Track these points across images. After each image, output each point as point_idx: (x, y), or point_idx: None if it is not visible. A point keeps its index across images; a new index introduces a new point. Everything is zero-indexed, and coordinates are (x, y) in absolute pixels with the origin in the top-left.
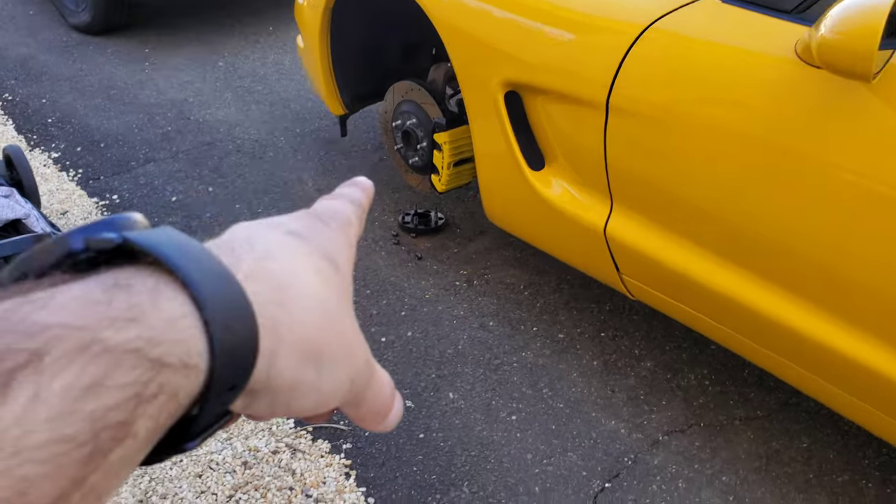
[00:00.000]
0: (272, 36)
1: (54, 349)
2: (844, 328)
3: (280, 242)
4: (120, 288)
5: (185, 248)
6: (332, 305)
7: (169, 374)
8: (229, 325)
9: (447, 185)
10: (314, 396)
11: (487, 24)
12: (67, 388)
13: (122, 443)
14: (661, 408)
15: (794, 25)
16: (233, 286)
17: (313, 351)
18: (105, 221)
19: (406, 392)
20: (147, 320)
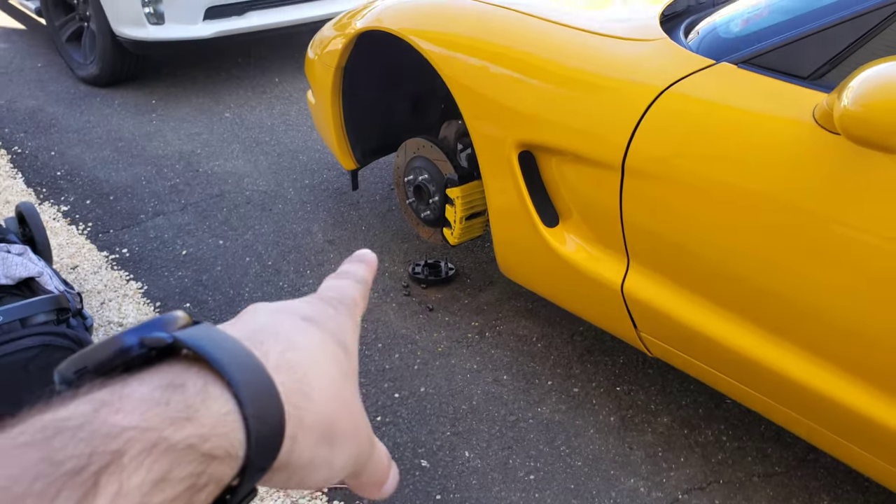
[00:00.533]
0: (278, 87)
1: (130, 449)
2: (861, 386)
3: (298, 330)
4: (175, 389)
5: (227, 348)
6: (343, 389)
7: (216, 465)
8: (263, 417)
9: (459, 239)
10: (326, 471)
11: (501, 85)
12: (142, 484)
13: None
14: (680, 465)
15: (812, 91)
16: (266, 382)
17: (328, 432)
18: (154, 321)
19: (421, 451)
20: (199, 418)
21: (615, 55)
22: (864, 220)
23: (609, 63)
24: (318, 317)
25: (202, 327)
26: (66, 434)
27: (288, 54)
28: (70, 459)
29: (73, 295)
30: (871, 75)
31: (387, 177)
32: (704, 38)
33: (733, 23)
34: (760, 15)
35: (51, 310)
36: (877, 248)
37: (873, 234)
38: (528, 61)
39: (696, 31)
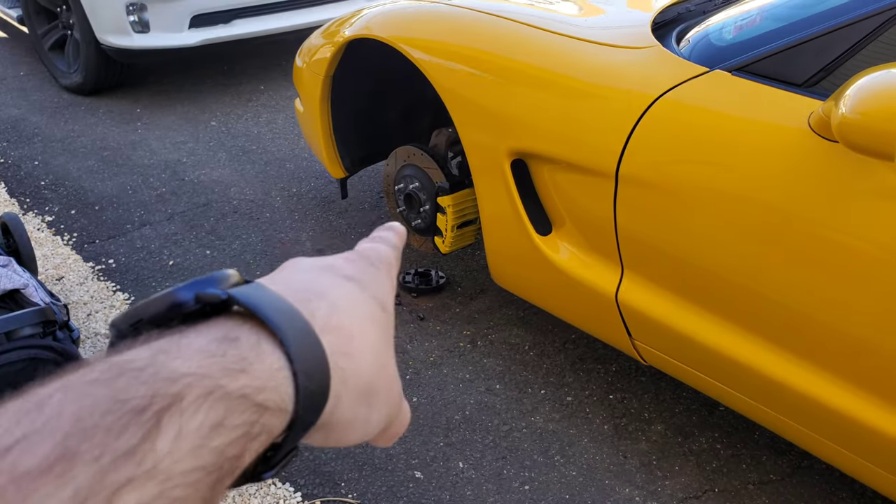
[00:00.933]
0: (264, 95)
1: (189, 394)
2: (856, 392)
3: (342, 290)
4: (230, 342)
5: (279, 307)
6: (382, 351)
7: (268, 417)
8: (311, 375)
9: (451, 247)
10: (363, 428)
11: (493, 93)
12: (200, 427)
13: (234, 473)
14: (675, 473)
15: (807, 99)
16: (314, 342)
17: (368, 392)
18: (208, 279)
19: (415, 462)
20: (253, 371)
21: (608, 63)
22: (859, 228)
23: (602, 71)
24: (358, 275)
25: (254, 286)
26: (130, 375)
27: (274, 62)
28: (134, 399)
29: (60, 307)
30: (867, 83)
31: (376, 185)
32: (697, 45)
33: (726, 30)
34: (753, 22)
35: (37, 322)
36: (873, 255)
37: (869, 241)
38: (520, 69)
39: (688, 38)
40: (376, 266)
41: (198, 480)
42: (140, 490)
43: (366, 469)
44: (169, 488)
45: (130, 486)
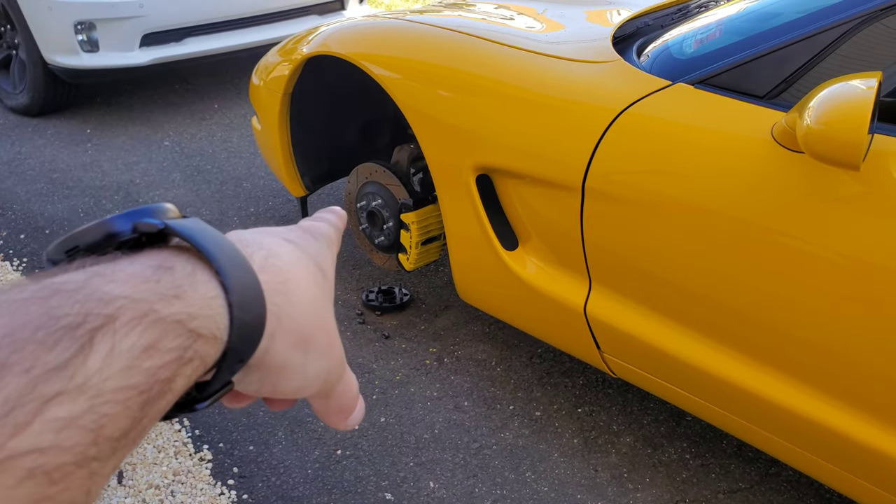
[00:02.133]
0: (218, 113)
1: (122, 315)
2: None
3: (282, 246)
4: (165, 270)
5: (216, 239)
6: (321, 304)
7: (202, 343)
8: (246, 307)
9: (416, 264)
10: (298, 379)
11: (456, 109)
12: (132, 347)
13: (165, 395)
14: (646, 485)
15: (768, 110)
16: (251, 275)
17: (303, 339)
18: (144, 209)
19: (385, 484)
20: (187, 298)
21: (571, 77)
22: (824, 237)
23: (565, 85)
24: (299, 241)
25: (193, 219)
26: (64, 295)
27: (227, 80)
28: (67, 316)
29: None
30: (831, 94)
31: (335, 202)
32: (657, 58)
33: (686, 44)
34: (713, 36)
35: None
36: (838, 264)
37: (834, 250)
38: (483, 85)
39: (648, 52)
40: (316, 238)
41: (128, 399)
42: (70, 403)
43: (335, 493)
44: (98, 404)
45: (60, 398)
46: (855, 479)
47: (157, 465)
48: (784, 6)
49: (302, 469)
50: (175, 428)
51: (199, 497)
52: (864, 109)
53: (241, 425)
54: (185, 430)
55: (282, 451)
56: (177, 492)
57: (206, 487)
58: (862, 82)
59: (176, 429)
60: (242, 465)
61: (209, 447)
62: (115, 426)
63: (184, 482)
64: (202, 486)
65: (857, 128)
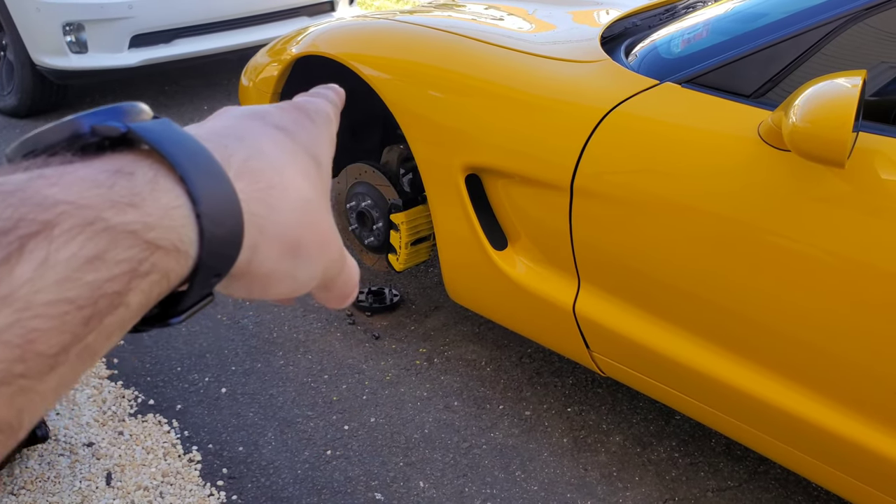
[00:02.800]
0: (207, 114)
1: (63, 222)
2: (808, 395)
3: (268, 138)
4: (122, 175)
5: (184, 144)
6: (312, 203)
7: (161, 256)
8: (218, 219)
9: (405, 264)
10: (290, 283)
11: (446, 109)
12: (72, 258)
13: (115, 310)
14: (635, 484)
15: (755, 109)
16: (224, 184)
17: (292, 245)
18: (112, 109)
19: (374, 484)
20: (145, 207)
21: (559, 77)
22: (810, 234)
23: (554, 85)
24: (292, 126)
25: (161, 121)
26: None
27: (216, 81)
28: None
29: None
30: (816, 93)
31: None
32: (645, 58)
33: (673, 43)
34: (700, 35)
35: None
36: (825, 262)
37: (820, 247)
38: (473, 85)
39: (636, 52)
40: (312, 118)
41: (64, 313)
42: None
43: (325, 493)
44: (27, 317)
45: None
46: (842, 476)
47: (145, 467)
48: (770, 6)
49: (291, 470)
50: (164, 429)
51: (188, 498)
52: (849, 107)
53: (230, 426)
54: (174, 431)
55: (271, 452)
56: (166, 493)
57: (195, 489)
58: (847, 80)
59: (165, 430)
60: (232, 465)
61: (198, 448)
62: (49, 341)
63: (173, 483)
64: (191, 487)
65: (842, 125)
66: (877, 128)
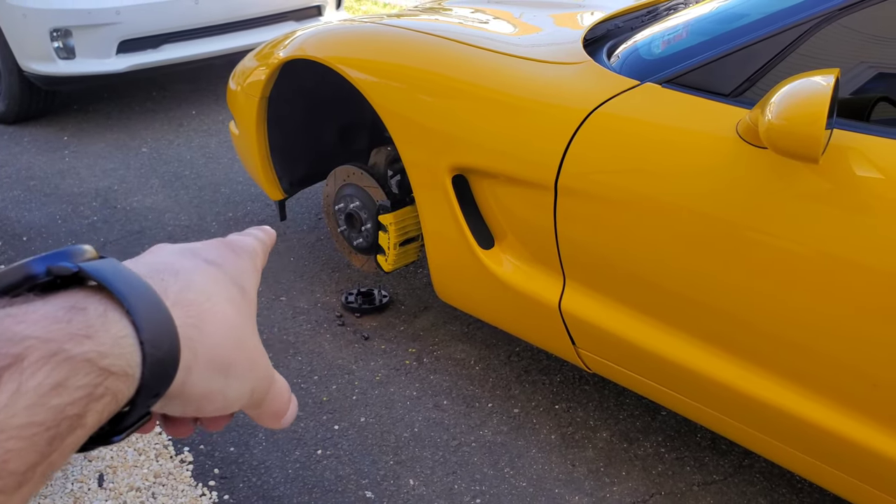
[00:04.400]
0: (196, 119)
1: (30, 355)
2: (791, 388)
3: (199, 271)
4: (77, 310)
5: (128, 280)
6: (239, 327)
7: (113, 381)
8: (158, 344)
9: (394, 265)
10: (220, 401)
11: (431, 110)
12: (39, 386)
13: (75, 431)
14: (622, 479)
15: (733, 108)
16: (163, 313)
17: (222, 366)
18: (63, 252)
19: (365, 482)
20: (99, 338)
21: (543, 78)
22: (788, 230)
23: (537, 86)
24: (219, 260)
25: (107, 261)
26: None
27: (205, 86)
28: None
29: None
30: (791, 90)
31: (314, 206)
32: (627, 59)
33: (654, 44)
34: (680, 36)
35: None
36: (803, 256)
37: (799, 242)
38: (458, 87)
39: (618, 53)
40: (237, 253)
41: (34, 434)
42: None
43: (315, 492)
44: (3, 439)
45: None
46: (824, 467)
47: (137, 468)
48: (748, 7)
49: (282, 469)
50: (156, 430)
51: (180, 498)
52: (822, 104)
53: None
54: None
55: (262, 452)
56: (158, 494)
57: (187, 489)
58: (821, 78)
59: (157, 431)
60: (223, 466)
61: (190, 449)
62: (21, 461)
63: (165, 484)
64: (183, 487)
65: (816, 122)
66: (852, 125)
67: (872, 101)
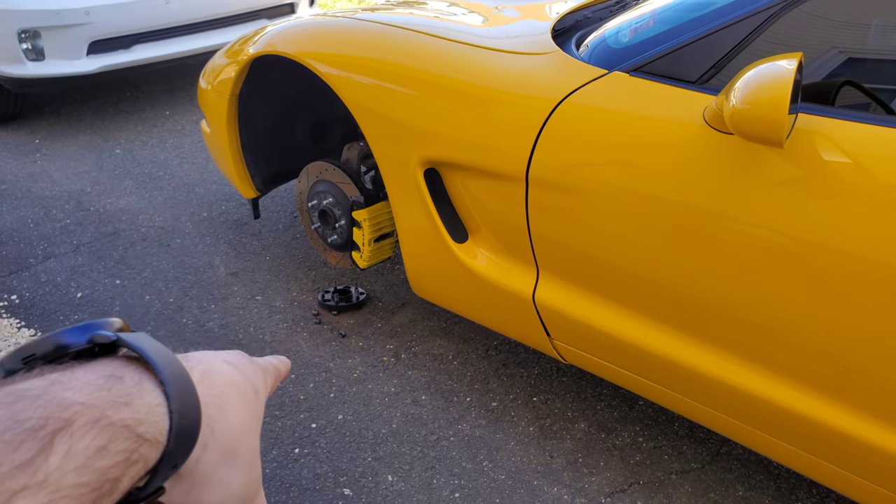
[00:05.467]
0: (169, 119)
1: (79, 420)
2: (765, 374)
3: (220, 364)
4: (115, 379)
5: (162, 353)
6: (249, 421)
7: (146, 447)
8: (184, 413)
9: (369, 261)
10: (222, 492)
11: (402, 104)
12: (86, 448)
13: (112, 494)
14: (600, 469)
15: (700, 94)
16: (190, 385)
17: (231, 451)
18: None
19: (343, 480)
20: (135, 405)
21: (512, 70)
22: (756, 215)
23: (506, 78)
24: (236, 362)
25: (140, 334)
26: (27, 400)
27: (178, 86)
28: (31, 419)
29: None
30: (754, 75)
31: (288, 204)
32: (595, 49)
33: (621, 33)
34: (646, 25)
35: None
36: (771, 241)
37: (766, 227)
38: (427, 80)
39: (587, 43)
40: (254, 363)
41: (82, 494)
42: (32, 497)
43: (293, 490)
44: (57, 498)
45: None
46: (800, 453)
47: None
48: None
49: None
50: None
51: None
52: (785, 88)
53: None
54: None
55: None
56: None
57: None
58: (784, 63)
59: None
60: None
61: None
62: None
63: None
64: None
65: (779, 106)
66: (818, 109)
67: (837, 86)
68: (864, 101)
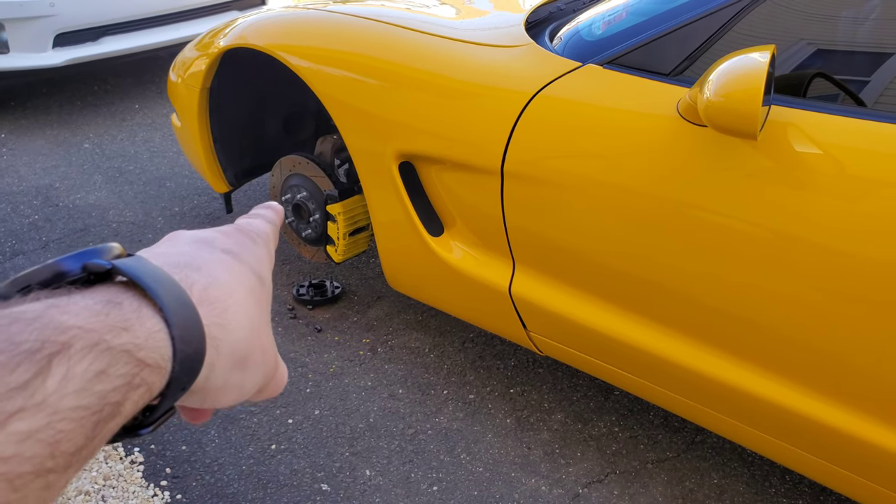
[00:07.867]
0: (139, 113)
1: (76, 343)
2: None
3: (220, 264)
4: (113, 304)
5: (159, 278)
6: (256, 318)
7: (148, 372)
8: (187, 340)
9: (344, 255)
10: (237, 393)
11: (375, 97)
12: (85, 372)
13: (114, 418)
14: (577, 459)
15: (673, 87)
16: (191, 311)
17: (241, 361)
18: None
19: (320, 475)
20: (135, 331)
21: (485, 62)
22: (729, 207)
23: (480, 70)
24: (237, 249)
25: (136, 258)
26: (23, 322)
27: (148, 79)
28: (27, 342)
29: None
30: (728, 67)
31: (261, 198)
32: (569, 41)
33: (595, 26)
34: (620, 17)
35: None
36: (745, 232)
37: (740, 219)
38: (400, 72)
39: (560, 35)
40: (254, 240)
41: (82, 417)
42: (30, 419)
43: (270, 487)
44: (55, 420)
45: (21, 414)
46: (773, 440)
47: (86, 471)
48: None
49: (236, 466)
50: None
51: (131, 500)
52: (758, 80)
53: (172, 426)
54: None
55: (215, 450)
56: (108, 497)
57: (138, 490)
58: (757, 55)
59: None
60: (175, 465)
61: (140, 450)
62: (71, 442)
63: (115, 486)
64: (134, 488)
65: (753, 98)
66: (790, 101)
67: (809, 78)
68: (834, 92)
